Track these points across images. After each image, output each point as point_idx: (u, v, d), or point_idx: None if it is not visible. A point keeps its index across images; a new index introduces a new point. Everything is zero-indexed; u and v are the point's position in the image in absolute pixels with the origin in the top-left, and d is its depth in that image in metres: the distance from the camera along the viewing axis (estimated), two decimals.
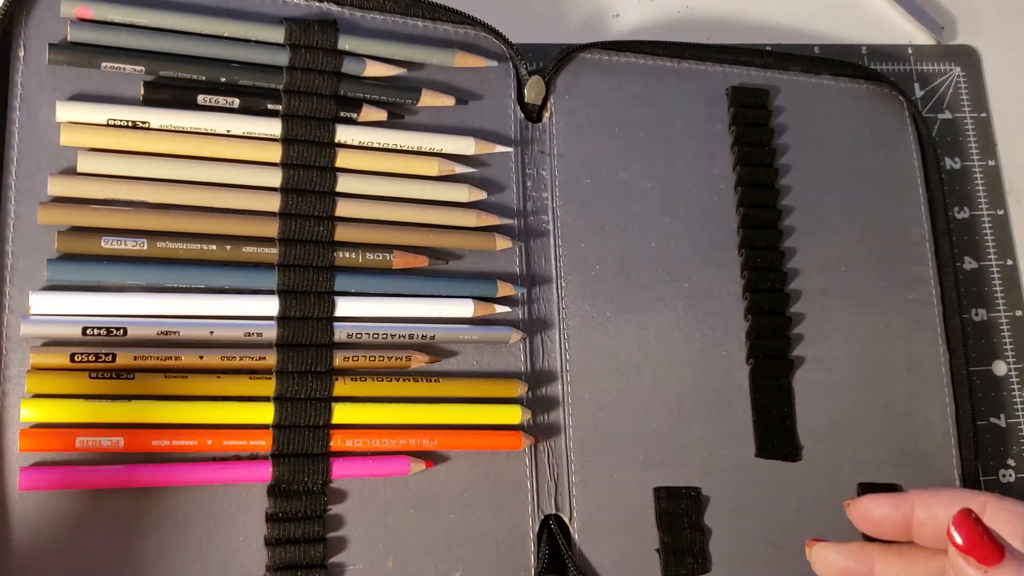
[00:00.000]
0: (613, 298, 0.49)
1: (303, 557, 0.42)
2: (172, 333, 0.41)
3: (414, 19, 0.49)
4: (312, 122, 0.45)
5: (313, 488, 0.42)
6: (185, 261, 0.42)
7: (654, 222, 0.51)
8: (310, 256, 0.44)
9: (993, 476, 0.55)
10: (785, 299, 0.52)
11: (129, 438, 0.40)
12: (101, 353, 0.40)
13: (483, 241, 0.47)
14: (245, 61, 0.45)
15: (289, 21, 0.46)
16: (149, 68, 0.43)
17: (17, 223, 0.41)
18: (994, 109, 0.62)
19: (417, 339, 0.45)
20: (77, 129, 0.42)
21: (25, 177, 0.41)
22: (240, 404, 0.42)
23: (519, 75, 0.50)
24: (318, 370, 0.43)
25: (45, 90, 0.42)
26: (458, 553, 0.44)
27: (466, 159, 0.48)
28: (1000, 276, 0.59)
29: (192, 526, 0.41)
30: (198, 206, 0.43)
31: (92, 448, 0.40)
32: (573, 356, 0.48)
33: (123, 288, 0.41)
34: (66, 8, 0.42)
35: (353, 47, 0.47)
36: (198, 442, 0.41)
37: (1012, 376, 0.57)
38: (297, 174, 0.44)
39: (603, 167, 0.51)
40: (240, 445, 0.41)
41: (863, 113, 0.56)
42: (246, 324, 0.42)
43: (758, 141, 0.53)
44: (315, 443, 0.42)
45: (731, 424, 0.49)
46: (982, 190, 0.60)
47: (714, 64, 0.54)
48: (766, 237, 0.52)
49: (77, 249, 0.41)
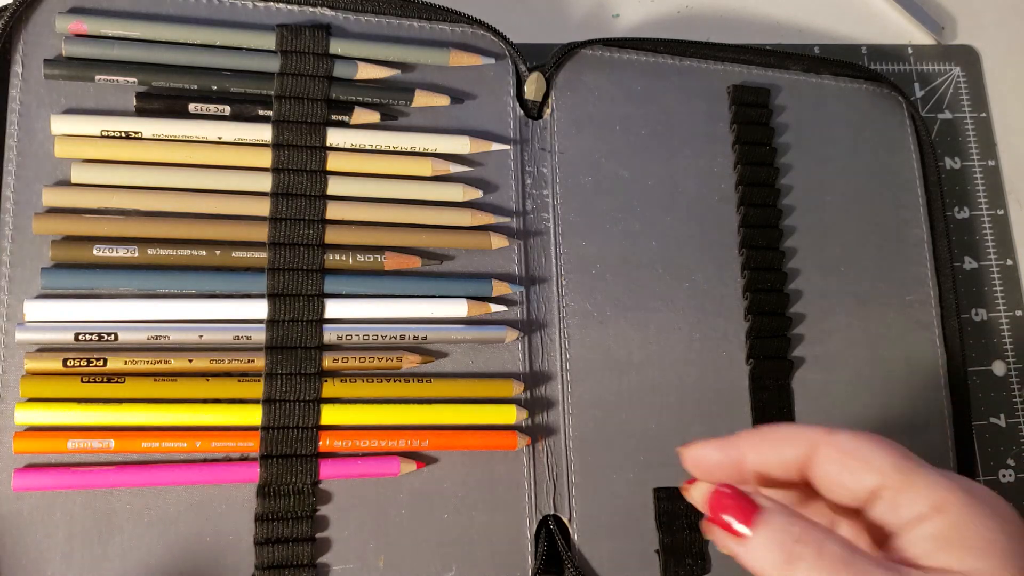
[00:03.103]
0: (613, 297, 0.49)
1: (292, 557, 0.42)
2: (162, 337, 0.42)
3: (410, 20, 0.49)
4: (303, 127, 0.46)
5: (302, 489, 0.43)
6: (176, 267, 0.43)
7: (655, 220, 0.50)
8: (300, 259, 0.44)
9: (993, 476, 0.54)
10: (785, 299, 0.51)
11: (120, 441, 0.41)
12: (93, 358, 0.41)
13: (478, 240, 0.47)
14: (237, 69, 0.46)
15: (281, 27, 0.46)
16: (142, 79, 0.44)
17: (15, 234, 0.42)
18: (994, 109, 0.61)
19: (409, 340, 0.45)
20: (71, 141, 0.43)
21: (22, 189, 0.43)
22: (229, 406, 0.43)
23: (518, 72, 0.50)
24: (307, 372, 0.44)
25: (42, 104, 0.44)
26: (452, 553, 0.44)
27: (462, 158, 0.48)
28: (1000, 276, 0.58)
29: (182, 526, 0.42)
30: (189, 212, 0.44)
31: (84, 451, 0.41)
32: (573, 355, 0.48)
33: (115, 294, 0.43)
34: (61, 24, 0.44)
35: (346, 50, 0.47)
36: (187, 444, 0.42)
37: (1012, 376, 0.56)
38: (287, 179, 0.45)
39: (604, 165, 0.50)
40: (229, 447, 0.42)
41: (863, 113, 0.55)
42: (235, 328, 0.43)
43: (759, 140, 0.53)
44: (303, 444, 0.43)
45: (731, 424, 0.48)
46: (982, 190, 0.60)
47: (715, 62, 0.54)
48: (767, 237, 0.51)
49: (70, 257, 0.42)
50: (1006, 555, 0.30)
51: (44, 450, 0.41)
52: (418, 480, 0.45)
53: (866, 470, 0.32)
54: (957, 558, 0.31)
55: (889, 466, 0.32)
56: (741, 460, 0.35)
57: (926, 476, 0.32)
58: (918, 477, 0.32)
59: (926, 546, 0.31)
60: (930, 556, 0.31)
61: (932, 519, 0.31)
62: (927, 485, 0.32)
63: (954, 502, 0.31)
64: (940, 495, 0.31)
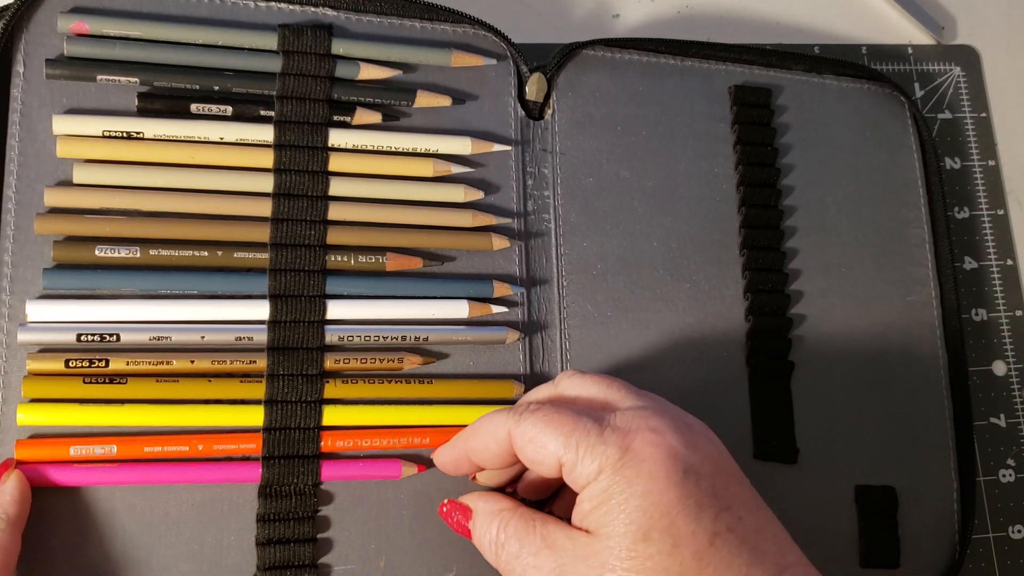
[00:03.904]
0: (614, 297, 0.49)
1: (293, 557, 0.42)
2: (164, 338, 0.42)
3: (411, 20, 0.49)
4: (305, 127, 0.46)
5: (304, 489, 0.43)
6: (177, 267, 0.43)
7: (656, 221, 0.50)
8: (301, 260, 0.44)
9: (993, 476, 0.54)
10: (786, 300, 0.51)
11: (122, 445, 0.41)
12: (95, 359, 0.41)
13: (479, 241, 0.47)
14: (239, 69, 0.45)
15: (283, 27, 0.46)
16: (143, 79, 0.44)
17: (16, 234, 0.42)
18: (994, 109, 0.61)
19: (411, 341, 0.46)
20: (73, 141, 0.43)
21: (24, 189, 0.43)
22: (231, 407, 0.43)
23: (520, 73, 0.50)
24: (308, 373, 0.44)
25: (44, 104, 0.44)
26: (452, 553, 0.44)
27: (463, 159, 0.48)
28: (1000, 276, 0.58)
29: (184, 526, 0.42)
30: (191, 213, 0.44)
31: (86, 456, 0.41)
32: (574, 356, 0.48)
33: (117, 295, 0.43)
34: (63, 24, 0.44)
35: (348, 50, 0.47)
36: (189, 447, 0.42)
37: (1012, 376, 0.56)
38: (289, 179, 0.45)
39: (605, 165, 0.50)
40: (231, 449, 0.42)
41: (865, 113, 0.55)
42: (237, 328, 0.43)
43: (760, 140, 0.53)
44: (305, 445, 0.43)
45: (730, 425, 0.48)
46: (982, 190, 0.60)
47: (717, 62, 0.54)
48: (768, 238, 0.51)
49: (72, 258, 0.42)
50: (633, 515, 0.35)
51: (46, 458, 0.40)
52: (419, 480, 0.45)
53: (543, 452, 0.37)
54: (596, 519, 0.36)
55: (560, 445, 0.37)
56: (466, 454, 0.41)
57: (591, 447, 0.36)
58: (583, 448, 0.36)
59: (584, 507, 0.36)
60: (586, 518, 0.36)
61: (591, 485, 0.36)
62: (592, 456, 0.36)
63: (608, 467, 0.36)
64: (599, 463, 0.36)
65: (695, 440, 0.37)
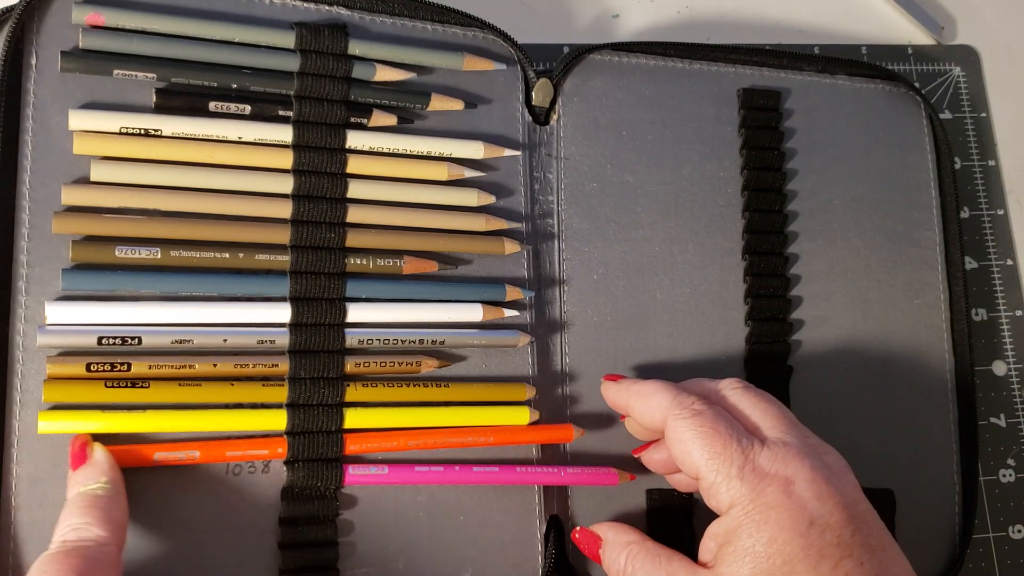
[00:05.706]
0: (615, 302, 0.50)
1: (316, 560, 0.42)
2: (186, 341, 0.42)
3: (423, 22, 0.49)
4: (323, 128, 0.45)
5: (326, 493, 0.43)
6: (198, 269, 0.43)
7: (659, 226, 0.51)
8: (321, 263, 0.44)
9: (993, 476, 0.56)
10: (787, 305, 0.52)
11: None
12: (116, 362, 0.40)
13: (492, 245, 0.48)
14: (256, 67, 0.45)
15: (300, 26, 0.45)
16: (161, 75, 0.43)
17: (32, 232, 0.41)
18: (994, 109, 0.62)
19: (427, 344, 0.46)
20: (90, 137, 0.42)
21: (39, 186, 0.41)
22: (254, 411, 0.42)
23: (527, 78, 0.51)
24: (330, 376, 0.43)
25: (58, 98, 0.42)
26: (467, 555, 0.45)
27: (475, 163, 0.49)
28: (1000, 276, 0.59)
29: (206, 529, 0.42)
30: (211, 214, 0.43)
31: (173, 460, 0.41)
32: (574, 360, 0.49)
33: (137, 297, 0.42)
34: (78, 15, 0.42)
35: (363, 51, 0.47)
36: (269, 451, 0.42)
37: (1012, 376, 0.58)
38: (308, 180, 0.45)
39: (609, 170, 0.51)
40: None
41: (877, 114, 0.56)
42: (259, 331, 0.43)
43: (767, 144, 0.53)
44: (328, 448, 0.43)
45: None
46: (982, 190, 0.61)
47: (726, 64, 0.54)
48: (771, 242, 0.52)
49: (91, 258, 0.41)
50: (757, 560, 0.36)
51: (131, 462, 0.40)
52: (435, 485, 0.45)
53: (687, 458, 0.39)
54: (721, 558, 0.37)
55: (704, 461, 0.39)
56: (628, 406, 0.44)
57: (729, 479, 0.38)
58: (722, 477, 0.38)
59: (710, 544, 0.39)
60: (711, 555, 0.38)
61: (720, 520, 0.38)
62: (728, 487, 0.38)
63: (739, 505, 0.37)
64: (732, 497, 0.37)
65: (828, 490, 0.38)
